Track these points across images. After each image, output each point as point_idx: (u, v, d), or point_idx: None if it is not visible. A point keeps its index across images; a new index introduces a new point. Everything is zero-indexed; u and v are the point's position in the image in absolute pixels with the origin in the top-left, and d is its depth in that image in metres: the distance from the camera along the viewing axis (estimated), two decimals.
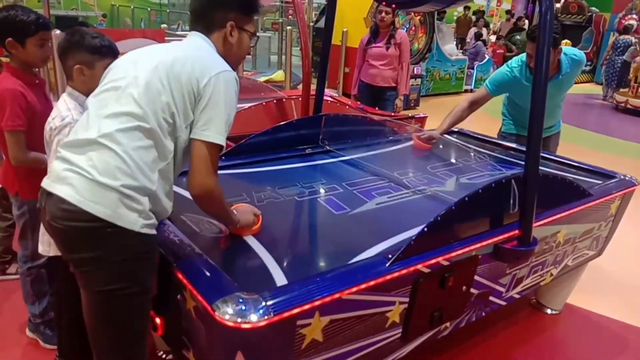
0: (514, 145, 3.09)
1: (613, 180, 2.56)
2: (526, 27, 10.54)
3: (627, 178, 2.59)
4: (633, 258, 3.51)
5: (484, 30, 11.12)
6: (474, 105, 3.07)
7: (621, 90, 9.96)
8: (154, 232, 1.45)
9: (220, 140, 1.46)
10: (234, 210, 1.71)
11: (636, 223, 3.56)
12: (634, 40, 10.10)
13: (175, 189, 2.09)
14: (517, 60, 2.98)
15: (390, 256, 1.57)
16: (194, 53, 1.50)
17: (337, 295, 1.40)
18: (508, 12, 13.77)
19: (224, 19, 1.56)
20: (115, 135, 1.37)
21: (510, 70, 2.97)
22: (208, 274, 1.44)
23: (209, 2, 1.57)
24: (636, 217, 3.05)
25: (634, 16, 12.00)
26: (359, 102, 4.39)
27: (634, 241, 3.67)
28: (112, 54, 1.82)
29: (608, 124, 8.50)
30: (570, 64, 2.92)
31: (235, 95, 1.51)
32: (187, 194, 2.05)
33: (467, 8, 13.12)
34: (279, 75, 7.82)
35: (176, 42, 1.62)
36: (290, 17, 13.68)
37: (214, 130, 1.44)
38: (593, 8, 12.43)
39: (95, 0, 14.86)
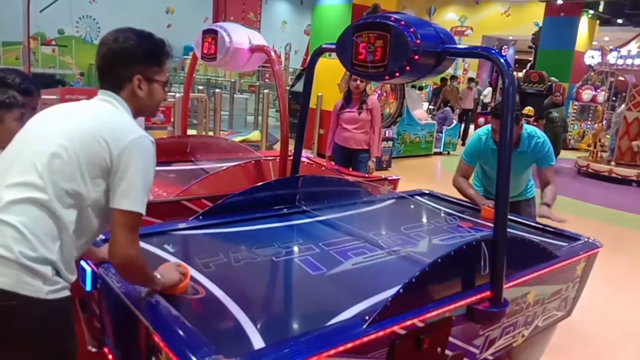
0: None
1: (578, 243, 2.66)
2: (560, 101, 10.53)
3: (590, 240, 2.70)
4: (600, 320, 3.59)
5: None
6: (466, 177, 3.36)
7: (583, 155, 10.48)
8: (63, 294, 1.41)
9: (138, 207, 1.44)
10: (157, 274, 1.64)
11: (600, 284, 3.67)
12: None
13: (148, 247, 2.11)
14: (485, 129, 3.20)
15: (367, 318, 1.59)
16: (104, 119, 1.48)
17: (314, 359, 1.41)
18: (471, 79, 14.20)
19: (131, 74, 1.53)
20: (11, 207, 1.35)
21: (478, 138, 3.21)
22: (185, 336, 1.43)
23: (113, 59, 1.53)
24: (600, 279, 3.15)
25: (591, 87, 12.84)
26: (333, 163, 4.51)
27: (599, 302, 3.76)
28: (20, 104, 1.81)
29: (571, 187, 8.86)
30: (529, 143, 3.19)
31: (152, 159, 1.50)
32: (159, 252, 2.08)
33: (454, 78, 13.53)
34: (255, 135, 7.98)
35: (85, 104, 1.56)
36: (266, 80, 14.12)
37: (131, 197, 1.43)
38: (552, 78, 13.26)
39: (73, 59, 15.07)
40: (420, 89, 14.58)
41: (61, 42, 15.10)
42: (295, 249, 2.32)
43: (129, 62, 1.54)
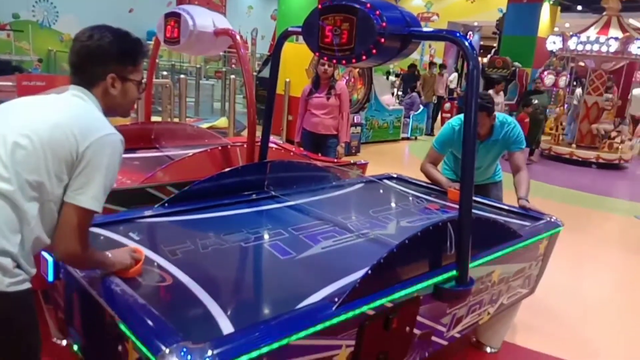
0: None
1: (541, 222, 2.74)
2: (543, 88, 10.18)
3: (552, 220, 2.79)
4: (562, 295, 3.72)
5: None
6: (435, 164, 3.39)
7: (545, 138, 10.78)
8: (25, 286, 1.37)
9: (95, 205, 1.40)
10: (109, 253, 1.65)
11: (563, 262, 3.80)
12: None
13: (113, 235, 2.06)
14: (458, 120, 3.24)
15: (336, 300, 1.60)
16: (74, 114, 1.43)
17: (284, 342, 1.41)
18: (442, 66, 13.97)
19: (104, 73, 1.51)
20: None
21: (451, 128, 3.24)
22: (151, 324, 1.40)
23: (86, 55, 1.50)
24: (561, 257, 3.26)
25: (553, 72, 13.15)
26: (302, 149, 4.50)
27: (562, 279, 3.90)
28: None
29: (534, 170, 9.11)
30: (501, 131, 3.22)
31: (119, 158, 1.47)
32: (125, 240, 2.04)
33: (433, 65, 13.45)
34: (222, 121, 7.86)
35: (55, 98, 1.50)
36: (233, 65, 13.91)
37: (90, 194, 1.39)
38: (516, 63, 13.51)
39: (31, 44, 14.46)
40: (397, 76, 14.53)
41: (17, 27, 14.43)
42: (265, 234, 2.31)
43: (103, 61, 1.51)
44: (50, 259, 1.80)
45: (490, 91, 10.32)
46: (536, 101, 9.22)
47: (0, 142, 1.35)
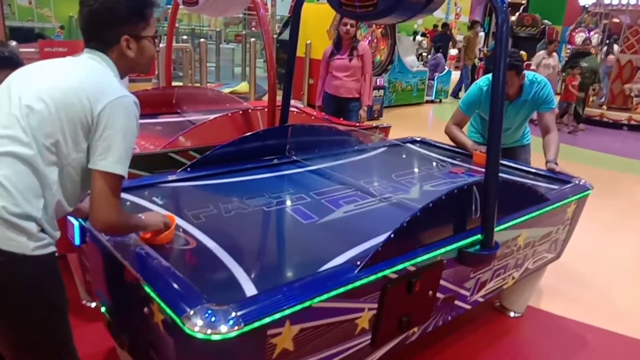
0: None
1: (569, 185, 2.66)
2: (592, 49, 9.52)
3: (581, 183, 2.70)
4: (589, 260, 3.66)
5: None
6: (460, 126, 3.31)
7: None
8: (49, 250, 1.38)
9: (119, 169, 1.40)
10: (142, 216, 1.67)
11: (591, 226, 3.72)
12: None
13: (137, 200, 2.08)
14: (486, 80, 3.12)
15: (358, 263, 1.59)
16: (87, 78, 1.42)
17: (307, 304, 1.41)
18: (475, 22, 13.36)
19: (117, 36, 1.47)
20: None
21: (479, 89, 3.14)
22: (176, 286, 1.42)
23: (95, 21, 1.46)
24: (592, 221, 3.18)
25: (584, 29, 12.60)
26: (323, 113, 4.44)
27: (590, 244, 3.83)
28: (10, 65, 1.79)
29: (563, 132, 8.86)
30: (531, 90, 3.09)
31: (136, 120, 1.45)
32: (148, 204, 2.06)
33: (476, 23, 12.79)
34: (243, 86, 7.81)
35: (71, 61, 1.48)
36: (253, 29, 13.73)
37: (112, 159, 1.38)
38: (546, 21, 12.98)
39: (52, 11, 14.48)
40: (424, 35, 14.09)
41: None
42: (286, 198, 2.30)
43: (112, 24, 1.46)
44: (76, 223, 1.82)
45: (542, 52, 9.68)
46: (585, 64, 8.55)
47: (15, 105, 1.35)
